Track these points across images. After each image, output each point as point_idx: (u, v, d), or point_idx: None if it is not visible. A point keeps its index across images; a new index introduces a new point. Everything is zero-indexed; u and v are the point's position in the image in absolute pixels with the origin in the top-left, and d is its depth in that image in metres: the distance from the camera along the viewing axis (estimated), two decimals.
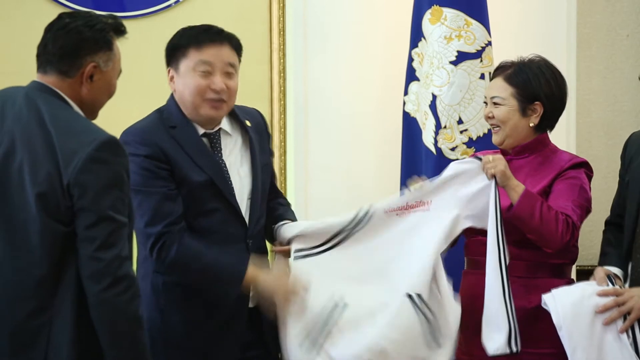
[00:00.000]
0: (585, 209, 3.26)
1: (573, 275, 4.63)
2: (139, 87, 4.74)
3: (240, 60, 3.20)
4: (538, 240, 3.17)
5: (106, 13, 2.80)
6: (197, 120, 3.13)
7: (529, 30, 4.80)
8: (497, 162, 3.13)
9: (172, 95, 3.17)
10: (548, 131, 3.39)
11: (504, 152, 3.36)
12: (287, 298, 3.04)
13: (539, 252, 3.21)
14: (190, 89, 3.07)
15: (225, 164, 3.13)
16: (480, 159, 3.23)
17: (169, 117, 3.12)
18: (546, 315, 3.14)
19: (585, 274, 4.89)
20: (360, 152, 4.72)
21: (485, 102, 3.37)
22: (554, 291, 3.10)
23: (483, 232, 3.19)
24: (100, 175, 2.50)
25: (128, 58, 4.68)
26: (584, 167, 3.31)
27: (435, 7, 4.32)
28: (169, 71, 3.12)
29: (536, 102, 3.29)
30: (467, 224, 3.19)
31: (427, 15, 4.35)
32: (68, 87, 2.67)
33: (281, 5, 4.73)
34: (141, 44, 4.75)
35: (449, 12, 4.29)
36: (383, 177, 4.66)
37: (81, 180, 2.49)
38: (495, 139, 3.35)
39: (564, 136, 4.79)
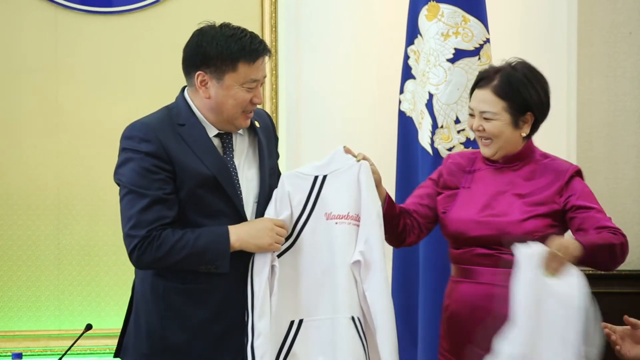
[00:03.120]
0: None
1: None
2: (125, 82, 4.77)
3: None
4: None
5: None
6: (222, 126, 3.12)
7: (528, 28, 4.78)
8: (563, 256, 3.04)
9: (182, 94, 3.15)
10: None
11: (491, 161, 3.32)
12: (268, 234, 3.04)
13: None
14: (235, 103, 3.06)
15: (235, 165, 3.13)
16: None
17: (177, 115, 3.10)
18: None
19: (585, 278, 4.86)
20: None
21: (471, 114, 3.29)
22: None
23: (477, 243, 3.21)
24: None
25: (116, 54, 4.77)
26: (579, 174, 3.29)
27: (432, 3, 4.30)
28: (199, 75, 3.06)
29: (528, 113, 3.25)
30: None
31: (424, 12, 4.32)
32: None
33: (273, 1, 4.74)
34: (129, 40, 4.80)
35: (446, 9, 4.27)
36: None
37: None
38: (487, 152, 3.29)
39: (564, 137, 4.78)
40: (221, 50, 3.02)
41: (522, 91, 3.21)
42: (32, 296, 4.71)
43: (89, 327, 4.00)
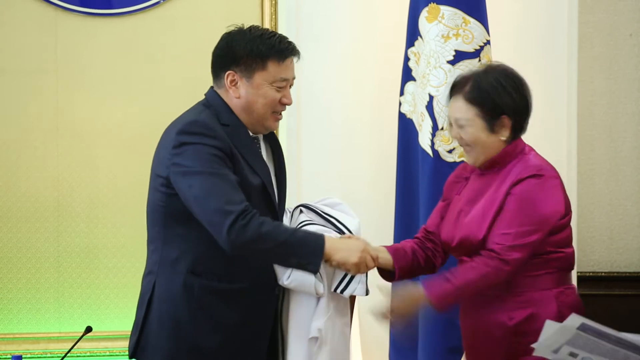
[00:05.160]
0: (531, 231, 3.09)
1: (574, 282, 4.60)
2: (126, 84, 4.74)
3: None
4: None
5: None
6: (253, 128, 3.12)
7: (528, 29, 4.75)
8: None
9: (216, 94, 3.12)
10: (521, 136, 3.28)
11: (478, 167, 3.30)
12: (358, 254, 3.04)
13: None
14: (265, 102, 3.07)
15: None
16: None
17: (219, 115, 3.08)
18: (530, 330, 3.07)
19: (586, 281, 4.87)
20: (354, 154, 4.69)
21: (450, 123, 3.25)
22: None
23: (458, 252, 3.19)
24: None
25: (116, 56, 4.75)
26: (532, 178, 3.14)
27: (432, 5, 4.28)
28: (229, 75, 3.06)
29: (502, 116, 3.18)
30: None
31: (424, 14, 4.30)
32: None
33: (273, 2, 4.71)
34: (129, 42, 4.77)
35: (446, 10, 4.25)
36: (378, 180, 4.63)
37: None
38: (469, 160, 3.25)
39: (565, 139, 4.75)
40: (251, 49, 3.04)
41: (493, 96, 3.14)
42: (32, 298, 4.69)
43: (88, 329, 3.99)
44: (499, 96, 3.14)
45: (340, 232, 3.14)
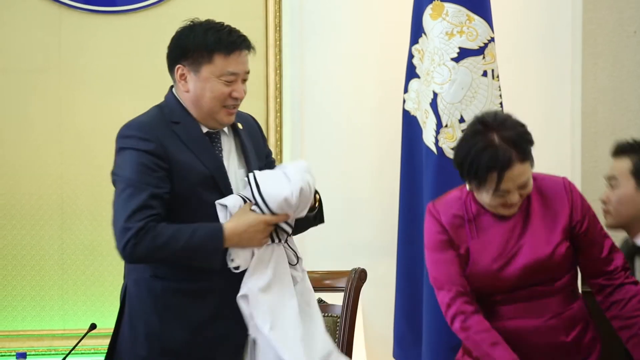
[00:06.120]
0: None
1: (577, 281, 4.61)
2: (130, 82, 4.74)
3: None
4: None
5: None
6: (206, 122, 3.12)
7: (532, 27, 4.75)
8: None
9: (171, 92, 3.16)
10: None
11: None
12: (260, 236, 3.01)
13: (562, 281, 3.21)
14: (212, 95, 3.06)
15: (224, 164, 3.13)
16: None
17: (170, 113, 3.10)
18: (586, 341, 3.18)
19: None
20: (358, 151, 4.70)
21: (501, 195, 3.14)
22: None
23: (502, 291, 3.18)
24: None
25: (120, 53, 4.75)
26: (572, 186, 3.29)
27: (436, 2, 4.27)
28: (178, 69, 3.07)
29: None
30: None
31: (428, 11, 4.30)
32: None
33: (277, 0, 4.70)
34: (133, 40, 4.76)
35: (450, 7, 4.25)
36: (382, 177, 4.64)
37: None
38: (511, 212, 3.20)
39: (568, 136, 4.76)
40: (198, 42, 3.03)
41: (530, 140, 3.16)
42: (36, 296, 4.70)
43: (93, 326, 3.99)
44: (531, 136, 3.17)
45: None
